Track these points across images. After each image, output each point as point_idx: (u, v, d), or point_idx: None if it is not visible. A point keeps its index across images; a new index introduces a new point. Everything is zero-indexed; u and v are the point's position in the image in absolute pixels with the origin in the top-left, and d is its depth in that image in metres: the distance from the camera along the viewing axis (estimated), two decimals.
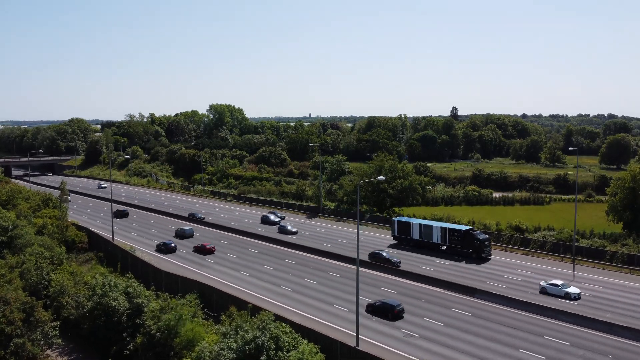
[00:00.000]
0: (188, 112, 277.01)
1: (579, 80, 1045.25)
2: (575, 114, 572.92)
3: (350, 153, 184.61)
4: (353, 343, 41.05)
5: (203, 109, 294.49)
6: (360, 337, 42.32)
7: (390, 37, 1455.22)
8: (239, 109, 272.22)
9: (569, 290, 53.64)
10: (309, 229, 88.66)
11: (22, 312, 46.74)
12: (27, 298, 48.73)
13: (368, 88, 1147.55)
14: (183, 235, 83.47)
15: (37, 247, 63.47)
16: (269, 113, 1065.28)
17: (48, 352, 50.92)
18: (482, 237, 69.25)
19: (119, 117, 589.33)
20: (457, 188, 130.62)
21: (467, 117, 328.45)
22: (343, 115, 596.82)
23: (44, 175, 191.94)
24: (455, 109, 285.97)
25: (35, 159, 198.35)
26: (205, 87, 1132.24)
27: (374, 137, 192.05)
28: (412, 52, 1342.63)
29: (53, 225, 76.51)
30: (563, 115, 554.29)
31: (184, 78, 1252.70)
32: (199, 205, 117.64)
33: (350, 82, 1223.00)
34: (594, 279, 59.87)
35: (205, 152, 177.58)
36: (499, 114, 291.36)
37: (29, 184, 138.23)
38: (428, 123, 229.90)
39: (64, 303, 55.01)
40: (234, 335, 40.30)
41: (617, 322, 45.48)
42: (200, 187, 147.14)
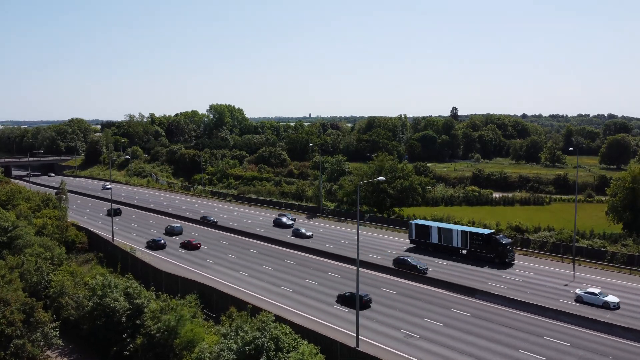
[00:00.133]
0: (188, 112, 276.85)
1: (579, 80, 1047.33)
2: (575, 114, 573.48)
3: (350, 153, 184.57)
4: (353, 344, 41.05)
5: (203, 109, 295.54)
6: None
7: (390, 37, 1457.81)
8: (239, 109, 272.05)
9: (608, 299, 50.31)
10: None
11: (22, 313, 46.74)
12: (27, 299, 48.72)
13: (368, 88, 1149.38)
14: (172, 233, 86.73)
15: (37, 247, 63.38)
16: (269, 113, 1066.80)
17: (48, 352, 50.92)
18: (505, 241, 66.89)
19: (119, 117, 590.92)
20: (457, 188, 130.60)
21: (467, 117, 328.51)
22: (343, 115, 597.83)
23: (45, 176, 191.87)
24: (455, 109, 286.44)
25: (35, 159, 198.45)
26: (205, 87, 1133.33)
27: (374, 137, 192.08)
28: (412, 52, 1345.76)
29: (53, 226, 76.51)
30: (563, 115, 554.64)
31: (184, 78, 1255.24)
32: (199, 205, 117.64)
33: (350, 82, 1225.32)
34: (594, 280, 59.76)
35: (205, 152, 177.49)
36: (499, 114, 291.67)
37: (29, 184, 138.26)
38: (428, 123, 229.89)
39: (64, 304, 55.07)
40: (234, 336, 40.33)
41: (617, 322, 45.46)
42: (200, 187, 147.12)
